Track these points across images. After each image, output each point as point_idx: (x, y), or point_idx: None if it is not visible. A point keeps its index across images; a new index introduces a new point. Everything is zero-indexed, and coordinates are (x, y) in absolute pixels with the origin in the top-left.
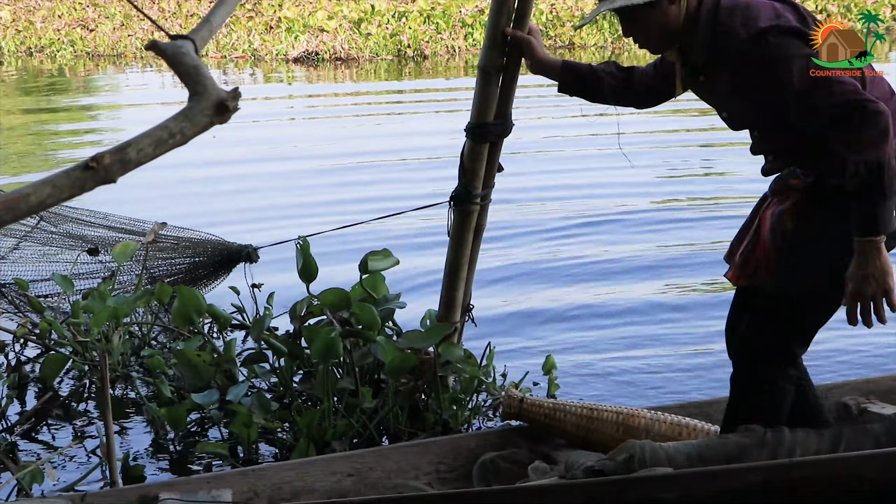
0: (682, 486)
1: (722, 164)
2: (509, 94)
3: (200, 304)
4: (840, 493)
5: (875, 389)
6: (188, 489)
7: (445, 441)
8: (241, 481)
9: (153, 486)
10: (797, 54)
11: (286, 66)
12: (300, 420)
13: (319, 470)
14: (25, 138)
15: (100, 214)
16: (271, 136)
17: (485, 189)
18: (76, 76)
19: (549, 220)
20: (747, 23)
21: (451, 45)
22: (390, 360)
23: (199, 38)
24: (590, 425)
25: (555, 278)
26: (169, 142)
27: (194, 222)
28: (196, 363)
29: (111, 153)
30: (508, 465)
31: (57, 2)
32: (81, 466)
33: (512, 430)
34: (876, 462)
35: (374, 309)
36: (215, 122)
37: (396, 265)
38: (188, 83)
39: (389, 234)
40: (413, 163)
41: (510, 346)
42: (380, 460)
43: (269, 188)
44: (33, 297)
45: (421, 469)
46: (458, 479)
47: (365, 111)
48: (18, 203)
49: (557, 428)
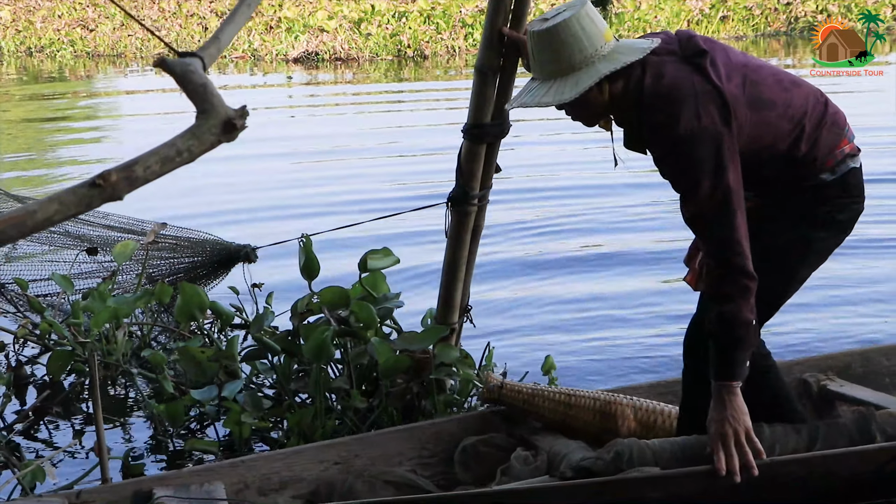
0: (670, 485)
1: None
2: (506, 94)
3: (203, 301)
4: (816, 487)
5: (833, 365)
6: (180, 483)
7: (427, 426)
8: (231, 473)
9: (146, 481)
10: (707, 170)
11: (286, 67)
12: (290, 418)
13: (307, 459)
14: (26, 137)
15: (100, 214)
16: (271, 136)
17: (482, 190)
18: (76, 76)
19: (550, 217)
20: (668, 123)
21: (452, 46)
22: (383, 361)
23: (207, 55)
24: (567, 411)
25: (554, 267)
26: (176, 160)
27: (194, 223)
28: (200, 359)
29: (118, 171)
30: (488, 449)
31: (57, 2)
32: (81, 465)
33: (490, 414)
34: (849, 460)
35: (372, 308)
36: (223, 140)
37: (396, 264)
38: (196, 101)
39: (392, 233)
40: (413, 162)
41: (507, 342)
42: (365, 447)
43: (268, 189)
44: (33, 298)
45: (405, 455)
46: (441, 464)
47: (364, 111)
48: (25, 220)
49: (535, 413)
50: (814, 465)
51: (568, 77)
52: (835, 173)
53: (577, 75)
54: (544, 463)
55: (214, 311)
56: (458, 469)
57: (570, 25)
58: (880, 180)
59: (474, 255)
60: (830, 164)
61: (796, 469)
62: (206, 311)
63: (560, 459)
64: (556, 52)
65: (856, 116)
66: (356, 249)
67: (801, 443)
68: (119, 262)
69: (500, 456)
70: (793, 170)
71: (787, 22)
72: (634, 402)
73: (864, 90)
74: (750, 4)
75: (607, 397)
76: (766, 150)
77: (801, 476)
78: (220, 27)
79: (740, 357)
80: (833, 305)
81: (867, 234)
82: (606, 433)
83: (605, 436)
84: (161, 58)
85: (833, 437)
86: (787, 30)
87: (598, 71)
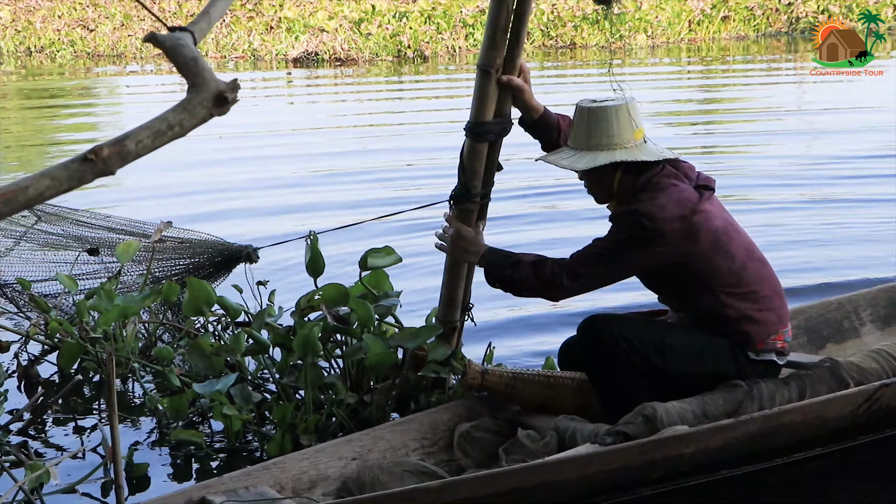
0: (700, 440)
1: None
2: (508, 93)
3: (210, 296)
4: (808, 432)
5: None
6: (225, 489)
7: (423, 417)
8: (266, 476)
9: (193, 490)
10: (623, 239)
11: (285, 67)
12: (275, 412)
13: (328, 456)
14: (24, 134)
15: (100, 216)
16: (270, 134)
17: (485, 188)
18: (76, 76)
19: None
20: (640, 200)
21: (452, 46)
22: (370, 358)
23: (197, 30)
24: (548, 392)
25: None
26: (168, 134)
27: (193, 223)
28: (208, 353)
29: (109, 145)
30: (482, 433)
31: (57, 2)
32: (81, 464)
33: (474, 400)
34: (836, 404)
35: (369, 305)
36: (214, 113)
37: (398, 262)
38: (187, 75)
39: (397, 231)
40: (413, 162)
41: (508, 341)
42: (375, 441)
43: (268, 188)
44: (39, 298)
45: (409, 446)
46: (442, 452)
47: (364, 111)
48: (16, 195)
49: (517, 396)
50: (808, 412)
51: (590, 152)
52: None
53: (597, 153)
54: (554, 438)
55: (222, 305)
56: (458, 455)
57: (609, 112)
58: (880, 181)
59: None
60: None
61: (795, 416)
62: (212, 306)
63: (571, 433)
64: (590, 129)
65: (855, 117)
66: (362, 246)
67: (793, 393)
68: (122, 261)
69: (493, 439)
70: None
71: (789, 22)
72: None
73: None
74: (751, 4)
75: (584, 377)
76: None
77: (797, 422)
78: (209, 3)
79: (502, 276)
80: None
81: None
82: (582, 411)
83: (582, 412)
84: (152, 33)
85: (815, 388)
86: (788, 30)
87: (615, 156)
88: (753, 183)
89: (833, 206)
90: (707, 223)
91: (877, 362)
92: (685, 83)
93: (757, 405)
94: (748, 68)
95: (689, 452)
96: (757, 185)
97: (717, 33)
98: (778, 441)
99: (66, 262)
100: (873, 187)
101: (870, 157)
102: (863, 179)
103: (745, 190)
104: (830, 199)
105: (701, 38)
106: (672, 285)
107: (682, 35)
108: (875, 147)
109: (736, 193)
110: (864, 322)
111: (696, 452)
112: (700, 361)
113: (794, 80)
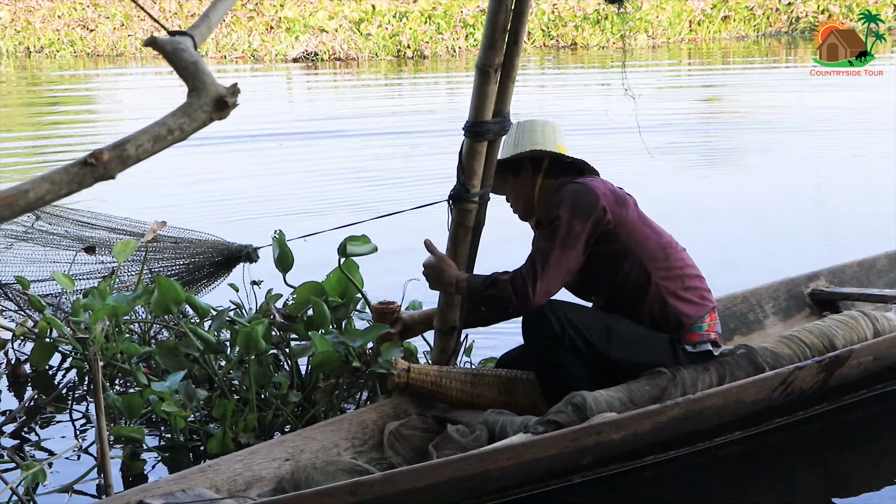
0: (629, 425)
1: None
2: (507, 92)
3: (179, 295)
4: (731, 414)
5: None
6: (162, 492)
7: (352, 417)
8: (202, 478)
9: (129, 495)
10: (566, 218)
11: (285, 67)
12: (215, 409)
13: (262, 457)
14: (24, 135)
15: (99, 216)
16: (270, 133)
17: (483, 188)
18: (76, 76)
19: None
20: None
21: (452, 46)
22: (315, 356)
23: (197, 34)
24: (473, 389)
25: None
26: (168, 138)
27: (193, 223)
28: (175, 352)
29: (109, 149)
30: (410, 431)
31: (57, 2)
32: (76, 464)
33: (400, 399)
34: (753, 387)
35: (324, 305)
36: (214, 118)
37: (374, 252)
38: (187, 79)
39: (396, 231)
40: (412, 162)
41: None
42: (307, 441)
43: (267, 188)
44: (34, 296)
45: (340, 446)
46: (373, 450)
47: (364, 110)
48: (17, 199)
49: (443, 394)
50: (728, 396)
51: (514, 149)
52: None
53: (521, 151)
54: (484, 432)
55: (190, 304)
56: (389, 453)
57: (536, 125)
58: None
59: (475, 253)
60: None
61: (716, 401)
62: (181, 305)
63: (501, 426)
64: (517, 138)
65: (856, 116)
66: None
67: (713, 378)
68: (119, 260)
69: (422, 436)
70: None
71: (789, 22)
72: (531, 377)
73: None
74: (751, 4)
75: (508, 374)
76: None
77: (718, 406)
78: (210, 6)
79: (483, 297)
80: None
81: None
82: (508, 407)
83: (507, 407)
84: (152, 37)
85: (735, 372)
86: (788, 30)
87: (538, 152)
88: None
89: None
90: (631, 200)
91: (789, 347)
92: (685, 83)
93: (680, 391)
94: (748, 68)
95: (619, 438)
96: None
97: (718, 33)
98: (701, 425)
99: (66, 262)
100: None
101: (870, 160)
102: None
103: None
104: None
105: (701, 37)
106: (605, 268)
107: (683, 35)
108: (876, 147)
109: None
110: (768, 314)
111: (625, 437)
112: (643, 351)
113: (793, 80)
